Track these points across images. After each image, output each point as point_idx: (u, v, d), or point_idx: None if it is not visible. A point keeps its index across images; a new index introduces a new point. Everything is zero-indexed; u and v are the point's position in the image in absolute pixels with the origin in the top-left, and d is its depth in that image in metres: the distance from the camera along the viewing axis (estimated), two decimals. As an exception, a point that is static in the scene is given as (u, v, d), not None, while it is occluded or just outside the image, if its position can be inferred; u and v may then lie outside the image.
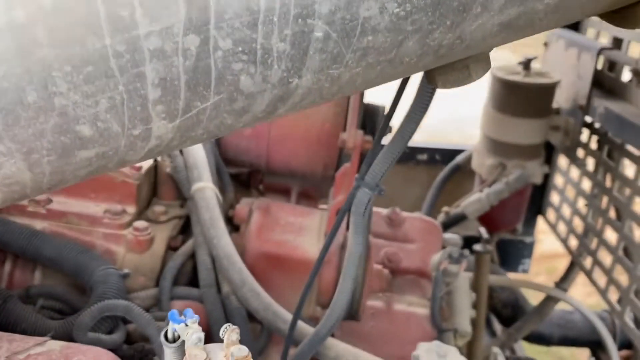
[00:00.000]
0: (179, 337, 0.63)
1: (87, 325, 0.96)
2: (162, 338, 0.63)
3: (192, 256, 1.21)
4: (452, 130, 5.31)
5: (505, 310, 2.17)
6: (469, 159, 2.17)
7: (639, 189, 1.70)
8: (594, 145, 1.98)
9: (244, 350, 0.58)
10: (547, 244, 3.68)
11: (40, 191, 0.54)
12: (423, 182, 2.37)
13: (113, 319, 1.04)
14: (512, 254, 2.38)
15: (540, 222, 2.40)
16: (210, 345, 0.59)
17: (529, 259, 2.41)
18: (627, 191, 1.77)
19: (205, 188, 1.20)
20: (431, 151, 2.32)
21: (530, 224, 2.35)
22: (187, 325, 0.57)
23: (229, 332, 0.57)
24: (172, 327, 0.59)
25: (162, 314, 1.08)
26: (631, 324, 1.72)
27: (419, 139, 2.41)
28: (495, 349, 1.14)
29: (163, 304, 1.10)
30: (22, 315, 1.00)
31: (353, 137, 1.31)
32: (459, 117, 5.46)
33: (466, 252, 1.48)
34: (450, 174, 2.23)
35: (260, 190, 1.67)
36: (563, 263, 2.23)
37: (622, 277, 1.77)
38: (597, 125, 1.94)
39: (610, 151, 1.90)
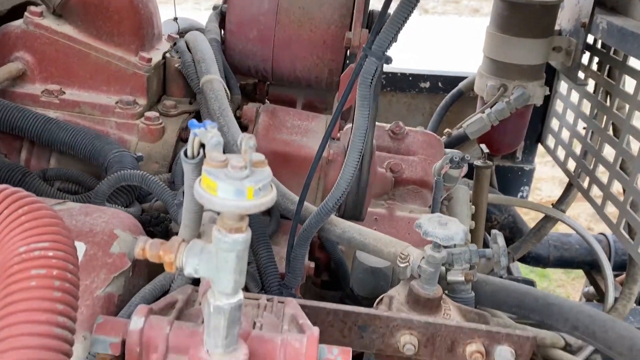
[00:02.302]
0: (198, 154, 0.67)
1: (104, 193, 1.00)
2: (182, 155, 0.67)
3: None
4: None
5: (504, 232, 2.22)
6: (471, 85, 2.19)
7: (638, 104, 1.73)
8: (594, 67, 2.00)
9: (260, 156, 0.62)
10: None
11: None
12: (426, 110, 2.40)
13: (129, 194, 1.08)
14: (512, 180, 2.43)
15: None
16: (230, 155, 0.62)
17: (528, 187, 2.46)
18: (627, 107, 1.80)
19: (213, 80, 1.23)
20: (434, 78, 2.34)
21: (529, 151, 2.39)
22: (206, 130, 0.60)
23: (246, 139, 0.61)
24: (193, 134, 0.62)
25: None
26: (626, 235, 1.77)
27: (421, 67, 2.43)
28: (495, 231, 1.18)
29: (176, 186, 1.14)
30: (40, 189, 1.04)
31: (358, 35, 1.33)
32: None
33: (467, 156, 1.52)
34: (453, 100, 2.25)
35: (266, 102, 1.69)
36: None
37: (618, 194, 1.82)
38: (598, 45, 1.96)
39: (611, 70, 1.92)
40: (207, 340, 0.68)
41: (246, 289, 1.06)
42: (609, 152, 1.88)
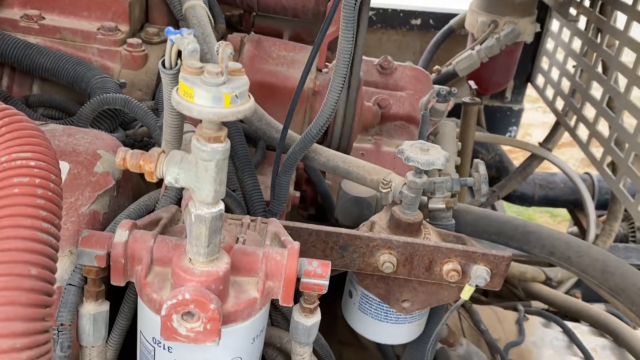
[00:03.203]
0: (176, 64, 0.67)
1: (87, 116, 1.00)
2: (159, 66, 0.67)
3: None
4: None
5: (490, 172, 2.25)
6: (462, 22, 2.16)
7: (627, 39, 1.72)
8: (587, 3, 1.98)
9: (238, 65, 0.62)
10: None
11: None
12: (416, 49, 2.37)
13: (112, 120, 1.08)
14: (500, 120, 2.44)
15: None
16: (207, 65, 0.62)
17: (517, 127, 2.47)
18: (616, 43, 1.79)
19: (196, 6, 1.21)
20: (425, 15, 2.30)
21: (519, 91, 2.39)
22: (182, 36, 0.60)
23: (223, 47, 0.61)
24: (170, 41, 0.62)
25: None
26: (609, 172, 1.80)
27: (413, 4, 2.38)
28: (477, 160, 1.20)
29: (160, 113, 1.14)
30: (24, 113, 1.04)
31: (345, -39, 1.30)
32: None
33: (454, 90, 1.52)
34: (444, 37, 2.23)
35: (252, 35, 1.67)
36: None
37: (604, 131, 1.84)
38: (592, -19, 1.92)
39: (603, 6, 1.89)
40: (189, 249, 0.70)
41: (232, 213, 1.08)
42: (596, 89, 1.88)
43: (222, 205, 0.68)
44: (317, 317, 0.84)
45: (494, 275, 0.96)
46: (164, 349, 0.76)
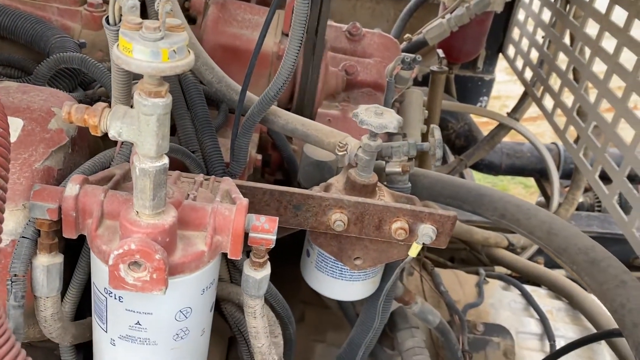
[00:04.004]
0: (120, 20, 0.68)
1: (44, 75, 1.01)
2: (103, 22, 0.68)
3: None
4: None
5: (459, 141, 2.30)
6: (435, -10, 2.16)
7: (592, 11, 1.75)
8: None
9: (177, 20, 0.64)
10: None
11: None
12: (390, 17, 2.37)
13: (71, 79, 1.09)
14: (471, 90, 2.47)
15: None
16: (146, 20, 0.64)
17: (487, 97, 2.50)
18: (582, 14, 1.81)
19: (157, -34, 1.20)
20: (398, -18, 2.29)
21: (490, 61, 2.41)
22: (123, -8, 0.61)
23: (163, 3, 0.62)
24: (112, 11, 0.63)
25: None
26: (570, 141, 1.85)
27: (386, -29, 2.37)
28: (433, 125, 1.23)
29: (120, 73, 1.15)
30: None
31: None
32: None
33: (418, 57, 1.54)
34: (417, 5, 2.23)
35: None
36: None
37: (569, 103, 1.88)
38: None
39: (572, -23, 1.91)
40: (136, 202, 0.73)
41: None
42: (563, 61, 1.92)
43: (165, 160, 0.70)
44: (266, 270, 0.88)
45: (439, 234, 1.01)
46: (115, 298, 0.79)
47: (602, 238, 2.25)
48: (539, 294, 1.90)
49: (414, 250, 1.01)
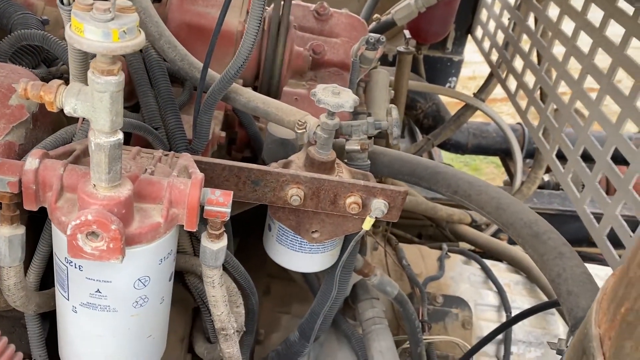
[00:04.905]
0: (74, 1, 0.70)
1: (5, 52, 1.02)
2: (57, 2, 0.71)
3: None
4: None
5: (427, 121, 2.35)
6: (405, -29, 2.18)
7: (554, -6, 1.80)
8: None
9: (127, 2, 0.67)
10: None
11: None
12: (360, -3, 2.39)
13: (34, 56, 1.10)
14: (440, 71, 2.51)
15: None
16: (96, 2, 0.67)
17: (456, 77, 2.56)
18: (545, -2, 1.86)
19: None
20: (369, -38, 2.31)
21: (459, 42, 2.46)
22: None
23: (114, -15, 0.65)
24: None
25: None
26: (531, 122, 1.91)
27: (358, -49, 2.38)
28: (391, 105, 1.28)
29: (84, 51, 1.16)
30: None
31: None
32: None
33: (382, 37, 1.57)
34: (386, -14, 2.25)
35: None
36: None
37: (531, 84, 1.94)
38: None
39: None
40: (92, 176, 0.76)
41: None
42: (526, 43, 1.97)
43: (120, 135, 0.73)
44: (223, 242, 0.92)
45: (391, 208, 1.06)
46: (75, 267, 0.83)
47: (563, 215, 2.35)
48: (498, 268, 1.98)
49: (367, 224, 1.07)
